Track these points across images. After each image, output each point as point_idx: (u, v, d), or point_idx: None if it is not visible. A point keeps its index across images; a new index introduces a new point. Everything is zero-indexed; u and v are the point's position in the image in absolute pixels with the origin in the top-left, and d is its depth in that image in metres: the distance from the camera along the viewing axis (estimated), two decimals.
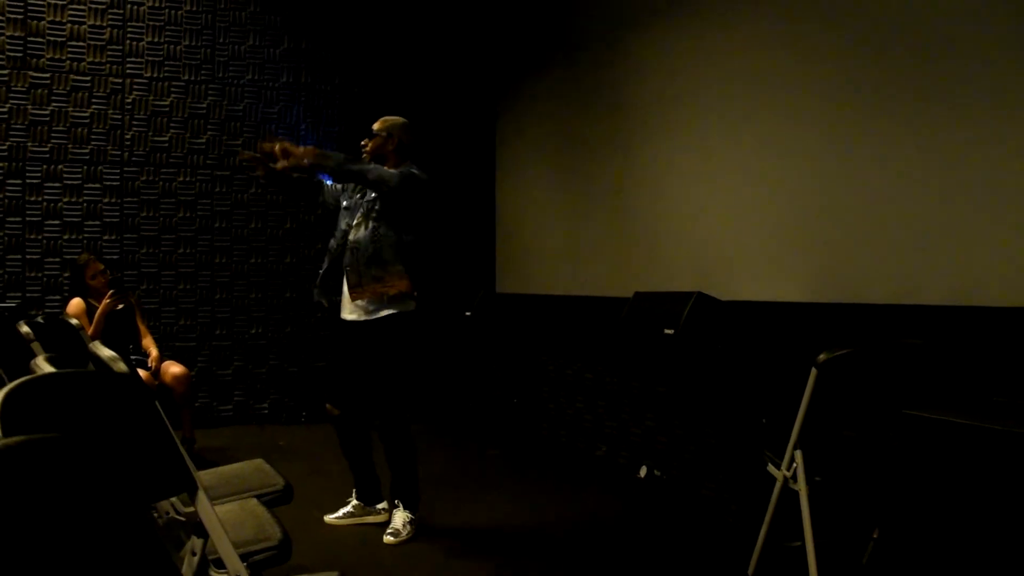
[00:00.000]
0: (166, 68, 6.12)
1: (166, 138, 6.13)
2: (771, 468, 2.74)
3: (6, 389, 1.22)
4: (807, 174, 3.83)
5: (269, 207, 6.40)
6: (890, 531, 2.94)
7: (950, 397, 2.77)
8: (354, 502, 3.84)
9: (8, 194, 5.74)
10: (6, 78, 5.71)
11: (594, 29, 5.64)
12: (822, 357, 2.50)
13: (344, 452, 3.85)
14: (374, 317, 3.60)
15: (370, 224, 3.60)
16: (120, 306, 4.88)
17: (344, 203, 3.82)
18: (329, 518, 3.82)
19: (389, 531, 3.59)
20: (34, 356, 2.85)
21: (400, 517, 3.63)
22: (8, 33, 5.71)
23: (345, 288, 3.69)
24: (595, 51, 5.62)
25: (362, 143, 3.77)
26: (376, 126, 3.79)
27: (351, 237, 3.63)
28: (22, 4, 5.74)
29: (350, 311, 3.68)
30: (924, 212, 3.24)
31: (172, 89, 6.15)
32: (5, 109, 5.72)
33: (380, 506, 3.83)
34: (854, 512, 3.04)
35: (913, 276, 3.28)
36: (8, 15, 5.70)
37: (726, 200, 4.35)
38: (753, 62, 4.16)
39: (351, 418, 3.76)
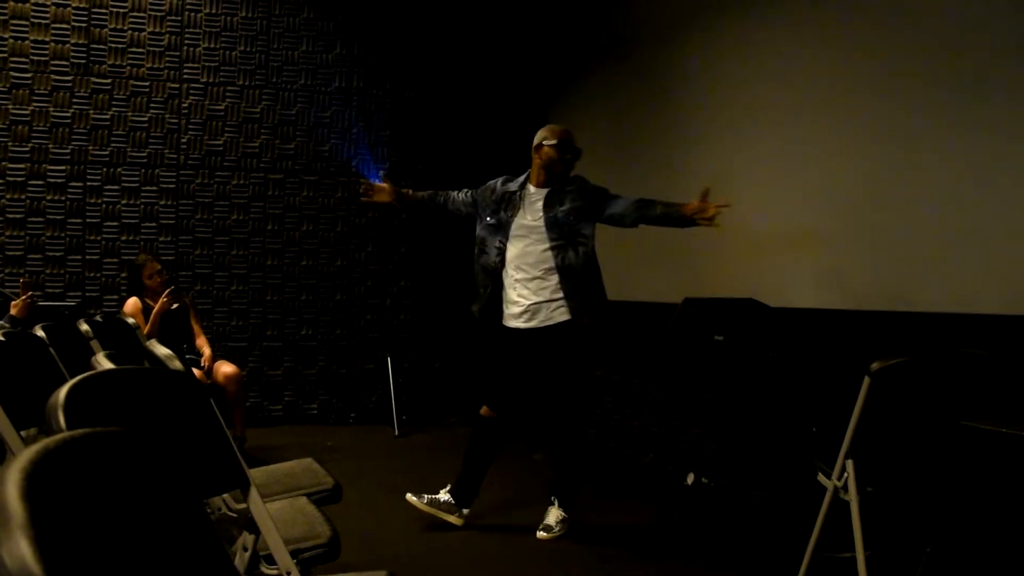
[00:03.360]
0: (221, 73, 6.25)
1: (221, 142, 6.25)
2: (821, 477, 2.70)
3: (70, 384, 1.26)
4: (859, 178, 3.76)
5: (321, 210, 6.48)
6: (944, 546, 2.88)
7: (1012, 410, 2.70)
8: (445, 496, 3.78)
9: (70, 196, 5.91)
10: (70, 84, 5.88)
11: (643, 30, 5.61)
12: (876, 365, 2.45)
13: (471, 453, 3.83)
14: (550, 323, 3.63)
15: (579, 248, 3.63)
16: (175, 306, 4.99)
17: (490, 220, 3.79)
18: (411, 497, 3.76)
19: (542, 527, 3.64)
20: (93, 353, 2.94)
21: (554, 514, 3.68)
22: (72, 41, 5.88)
23: (515, 296, 3.68)
24: (644, 54, 5.59)
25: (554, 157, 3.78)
26: (548, 137, 3.77)
27: (558, 262, 3.61)
28: (86, 13, 5.90)
29: (520, 319, 3.68)
30: (983, 217, 3.16)
31: (227, 94, 6.27)
32: (68, 114, 5.89)
33: (465, 511, 3.80)
34: (907, 525, 2.98)
35: (971, 284, 3.20)
36: (73, 23, 5.87)
37: (777, 205, 4.30)
38: (803, 61, 4.10)
39: (504, 423, 3.80)
